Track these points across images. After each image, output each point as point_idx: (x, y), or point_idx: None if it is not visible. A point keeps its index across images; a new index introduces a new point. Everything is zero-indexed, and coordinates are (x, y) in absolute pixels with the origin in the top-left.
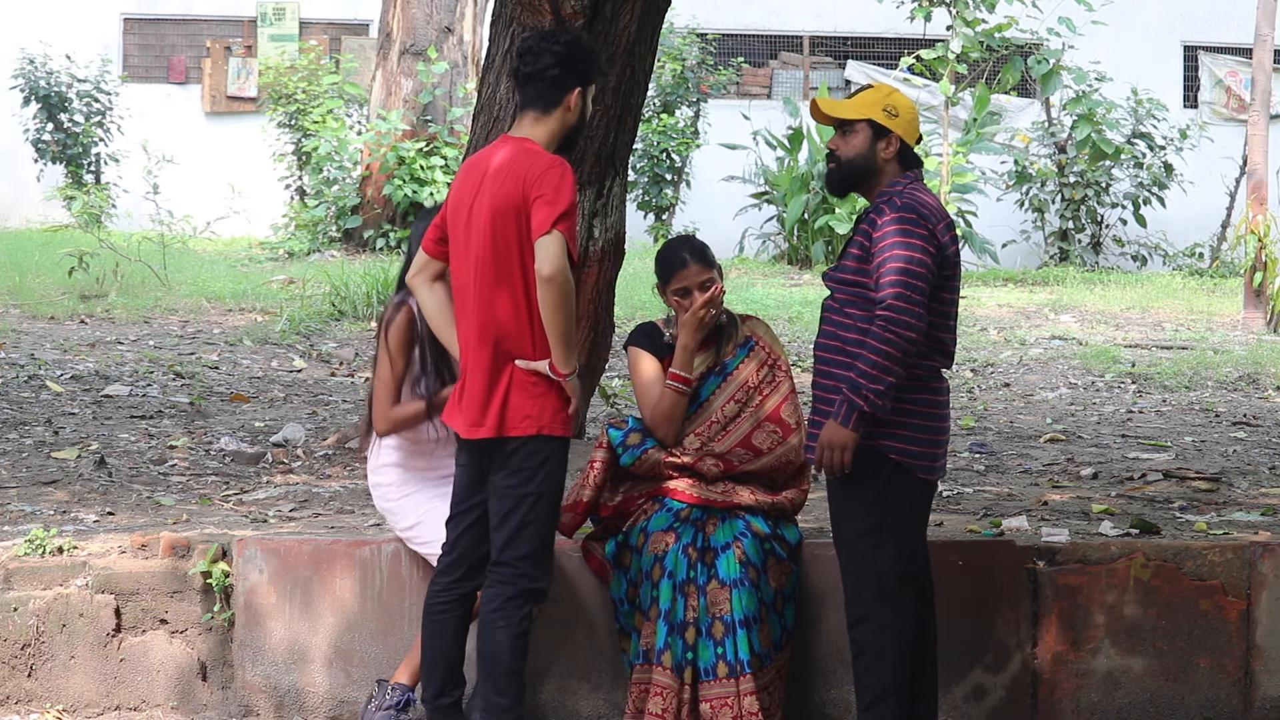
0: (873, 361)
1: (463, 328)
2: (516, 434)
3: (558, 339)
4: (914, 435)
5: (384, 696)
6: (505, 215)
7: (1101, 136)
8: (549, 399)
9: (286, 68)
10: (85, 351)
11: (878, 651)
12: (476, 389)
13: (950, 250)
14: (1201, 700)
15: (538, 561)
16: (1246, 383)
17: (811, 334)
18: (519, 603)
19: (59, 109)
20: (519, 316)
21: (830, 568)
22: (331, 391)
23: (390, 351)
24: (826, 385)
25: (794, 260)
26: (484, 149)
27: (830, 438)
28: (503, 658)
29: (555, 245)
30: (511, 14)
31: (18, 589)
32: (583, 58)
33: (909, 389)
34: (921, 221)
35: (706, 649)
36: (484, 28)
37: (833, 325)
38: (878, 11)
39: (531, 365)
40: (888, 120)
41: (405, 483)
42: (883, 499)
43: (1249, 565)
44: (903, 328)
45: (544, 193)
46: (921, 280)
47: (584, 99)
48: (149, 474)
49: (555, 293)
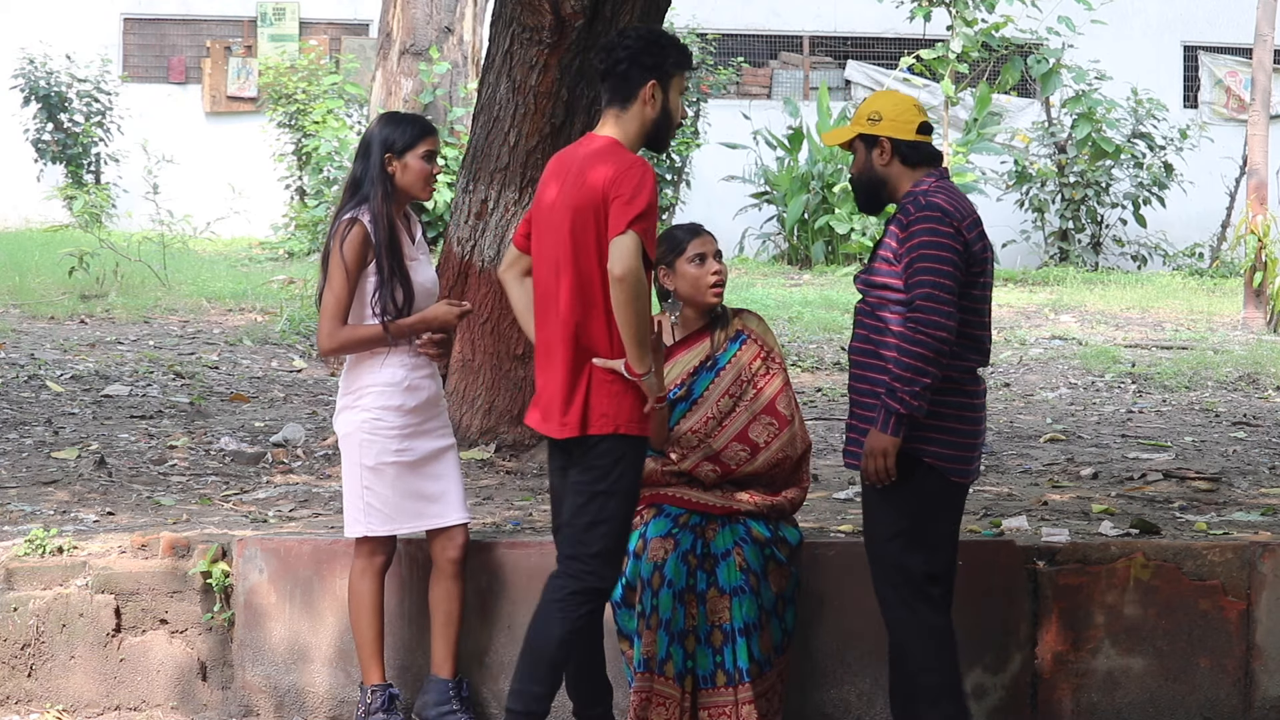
0: (905, 364)
1: (542, 325)
2: (595, 432)
3: (630, 339)
4: (947, 438)
5: (366, 700)
6: (584, 214)
7: (1101, 136)
8: (626, 398)
9: (286, 68)
10: (85, 351)
11: (923, 651)
12: (557, 388)
13: (977, 247)
14: (1201, 700)
15: (607, 560)
16: (1246, 383)
17: (811, 334)
18: (580, 599)
19: (59, 109)
20: (597, 316)
21: (830, 568)
22: (331, 391)
23: (346, 265)
24: (862, 389)
25: (794, 260)
26: (570, 145)
27: (872, 445)
28: (550, 650)
29: (628, 245)
30: (511, 14)
31: (18, 589)
32: (655, 51)
33: (943, 391)
34: (946, 219)
35: (705, 657)
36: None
37: (866, 329)
38: (878, 11)
39: (609, 364)
40: (872, 128)
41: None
42: (914, 501)
43: (1249, 565)
44: (933, 328)
45: (622, 193)
46: (949, 279)
47: (663, 93)
48: (149, 474)
49: (626, 293)
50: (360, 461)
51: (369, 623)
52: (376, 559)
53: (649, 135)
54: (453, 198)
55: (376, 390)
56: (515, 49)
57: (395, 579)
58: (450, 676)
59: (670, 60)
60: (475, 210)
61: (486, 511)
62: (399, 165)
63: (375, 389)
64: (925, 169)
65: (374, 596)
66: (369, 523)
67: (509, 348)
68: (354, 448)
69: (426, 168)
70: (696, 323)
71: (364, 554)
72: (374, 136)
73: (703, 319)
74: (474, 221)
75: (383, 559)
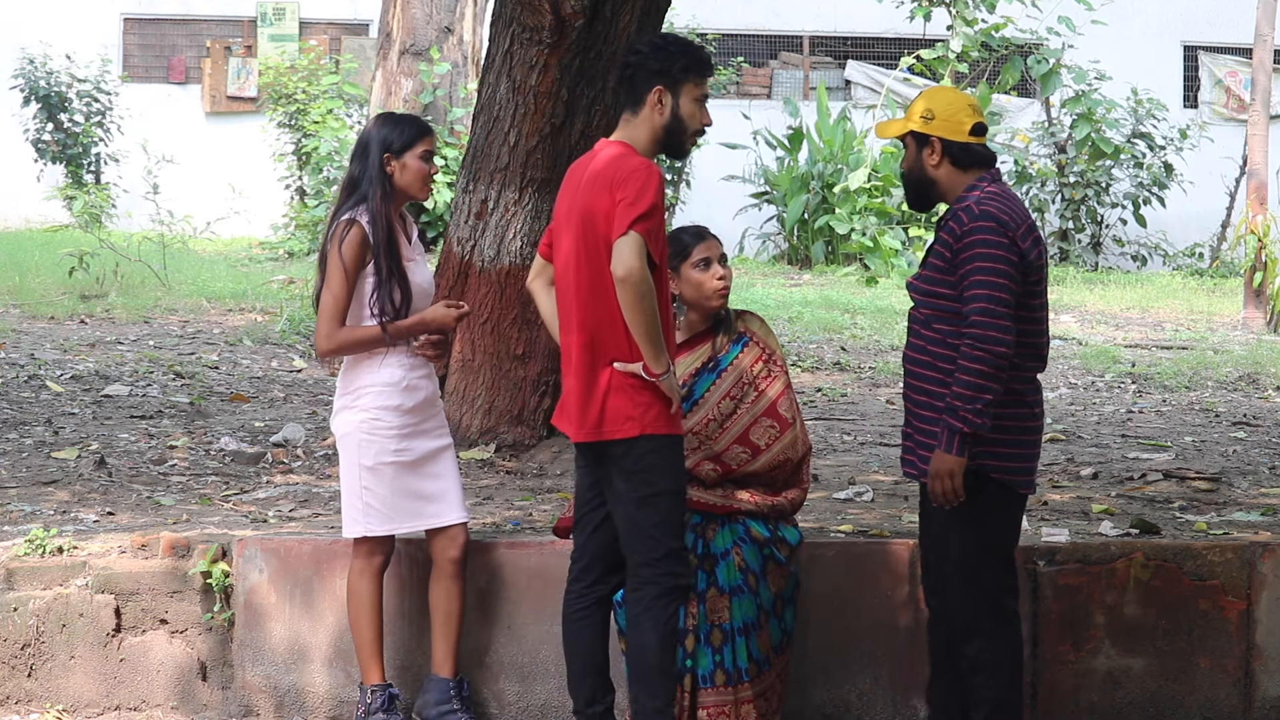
0: (966, 382)
1: (564, 331)
2: (620, 435)
3: (643, 339)
4: (1013, 451)
5: (366, 700)
6: (594, 219)
7: (1101, 136)
8: (649, 398)
9: (286, 68)
10: (85, 351)
11: (993, 666)
12: (577, 392)
13: (1033, 255)
14: (1201, 700)
15: (677, 558)
16: (1246, 383)
17: (811, 334)
18: (665, 602)
19: (59, 109)
20: (613, 319)
21: (830, 568)
22: (331, 391)
23: (345, 266)
24: (919, 400)
25: (794, 260)
26: (586, 154)
27: (938, 467)
28: (653, 659)
29: (630, 246)
30: (511, 14)
31: (18, 589)
32: (663, 56)
33: (1006, 404)
34: (1000, 230)
35: (704, 656)
36: (484, 28)
37: (922, 340)
38: (878, 11)
39: (628, 367)
40: (925, 126)
41: (400, 430)
42: (987, 517)
43: (1249, 565)
44: (991, 344)
45: (626, 195)
46: (1005, 292)
47: (672, 99)
48: (149, 474)
49: (630, 293)
50: (359, 461)
51: (368, 623)
52: (375, 559)
53: (661, 142)
54: (453, 198)
55: (375, 390)
56: (515, 49)
57: (395, 579)
58: (451, 676)
59: (678, 65)
60: (475, 210)
61: (486, 511)
62: (397, 165)
63: (373, 389)
64: (977, 171)
65: (373, 596)
66: (367, 523)
67: (509, 348)
68: (352, 448)
69: (425, 168)
70: (700, 325)
71: (362, 554)
72: (372, 136)
73: (706, 322)
74: (474, 221)
75: (381, 559)
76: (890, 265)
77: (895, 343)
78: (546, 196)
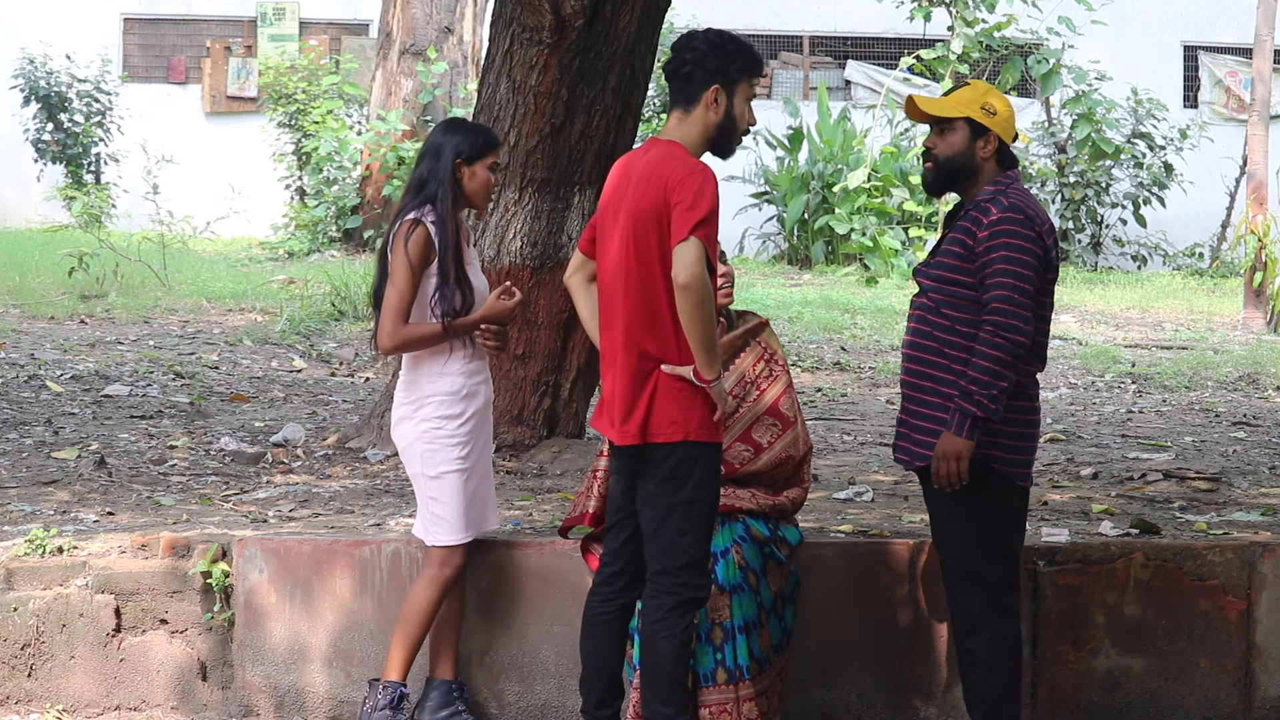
0: (983, 367)
1: (606, 331)
2: (663, 440)
3: (698, 345)
4: (1014, 444)
5: (376, 696)
6: (646, 220)
7: (1101, 136)
8: (695, 404)
9: (286, 68)
10: (85, 351)
11: (992, 661)
12: (622, 394)
13: (1053, 254)
14: (1201, 700)
15: (698, 569)
16: (1246, 383)
17: (811, 334)
18: (680, 612)
19: (59, 109)
20: (662, 322)
21: (830, 568)
22: (331, 391)
23: (412, 264)
24: (922, 386)
25: (794, 260)
26: (633, 150)
27: (945, 448)
28: (666, 668)
29: (692, 252)
30: (511, 14)
31: (18, 589)
32: (721, 55)
33: (1011, 397)
34: (1030, 224)
35: (705, 655)
36: (484, 28)
37: (929, 325)
38: (878, 11)
39: (677, 371)
40: (986, 119)
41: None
42: (987, 509)
43: (1249, 565)
44: (1012, 332)
45: (683, 199)
46: (1029, 284)
47: (727, 98)
48: (149, 474)
49: (691, 299)
50: (423, 472)
51: (416, 627)
52: (446, 570)
53: (712, 140)
54: None
55: (437, 400)
56: (515, 49)
57: (395, 580)
58: (451, 678)
59: (735, 65)
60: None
61: None
62: (468, 172)
63: (435, 399)
64: (1010, 172)
65: (431, 605)
66: (436, 533)
67: (509, 348)
68: (415, 459)
69: (490, 178)
70: None
71: (435, 563)
72: (445, 142)
73: None
74: (474, 221)
75: (451, 571)
76: (890, 265)
77: (895, 343)
78: (546, 196)
